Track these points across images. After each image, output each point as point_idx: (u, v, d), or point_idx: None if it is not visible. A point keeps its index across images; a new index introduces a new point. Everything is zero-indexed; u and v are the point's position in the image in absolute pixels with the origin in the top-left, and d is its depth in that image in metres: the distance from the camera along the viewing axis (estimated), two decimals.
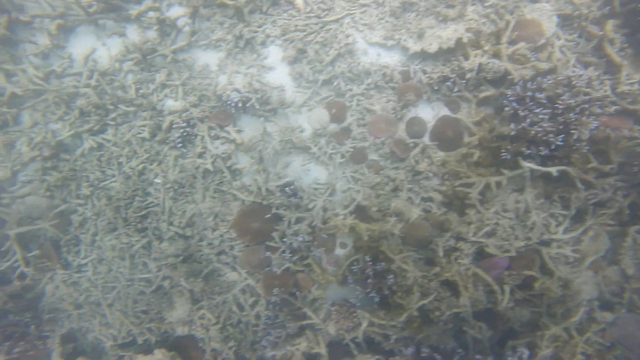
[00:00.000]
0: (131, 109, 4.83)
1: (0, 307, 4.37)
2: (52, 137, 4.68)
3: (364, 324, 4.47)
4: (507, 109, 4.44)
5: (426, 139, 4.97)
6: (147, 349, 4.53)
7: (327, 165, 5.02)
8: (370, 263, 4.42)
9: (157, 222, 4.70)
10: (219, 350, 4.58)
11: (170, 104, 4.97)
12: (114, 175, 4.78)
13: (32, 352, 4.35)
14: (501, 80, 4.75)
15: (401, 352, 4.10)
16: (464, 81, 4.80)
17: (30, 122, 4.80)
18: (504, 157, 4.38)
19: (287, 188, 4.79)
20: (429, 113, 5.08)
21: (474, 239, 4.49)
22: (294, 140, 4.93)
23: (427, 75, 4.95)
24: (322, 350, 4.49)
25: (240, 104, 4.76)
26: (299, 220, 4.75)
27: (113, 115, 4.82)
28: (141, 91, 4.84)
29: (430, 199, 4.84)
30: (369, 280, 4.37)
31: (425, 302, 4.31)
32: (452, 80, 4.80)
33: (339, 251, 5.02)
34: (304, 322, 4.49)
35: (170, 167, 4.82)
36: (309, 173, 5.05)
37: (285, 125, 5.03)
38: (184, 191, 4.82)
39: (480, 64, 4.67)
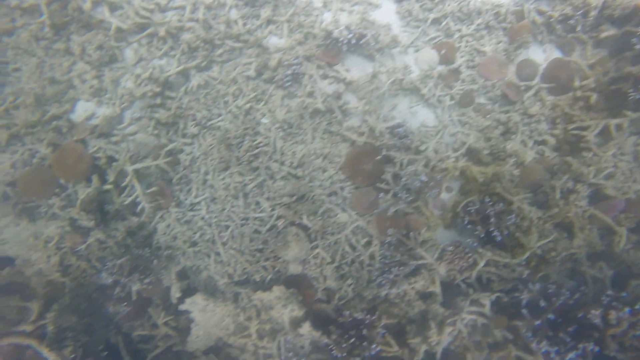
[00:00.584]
0: (238, 44, 4.66)
1: (120, 241, 4.35)
2: (160, 73, 4.52)
3: (482, 263, 4.51)
4: (638, 46, 4.32)
5: (537, 82, 4.87)
6: (262, 287, 4.57)
7: (435, 108, 4.93)
8: (491, 203, 4.41)
9: (269, 161, 4.63)
10: (334, 289, 4.63)
11: (275, 41, 4.80)
12: (220, 115, 4.67)
13: (151, 287, 4.37)
14: (627, 18, 4.61)
15: (528, 288, 4.16)
16: (586, 20, 4.64)
17: (134, 58, 4.62)
18: (632, 97, 4.30)
19: (398, 129, 4.71)
20: (540, 55, 4.95)
21: (593, 180, 4.48)
22: (402, 82, 4.81)
23: (545, 14, 4.79)
24: (437, 289, 4.54)
25: (353, 41, 4.60)
26: (410, 162, 4.71)
27: (220, 51, 4.66)
28: (247, 26, 4.65)
29: (543, 142, 4.79)
30: (490, 220, 4.38)
31: (546, 241, 4.35)
32: (574, 18, 4.64)
33: (445, 195, 5.01)
34: (420, 262, 4.53)
35: (277, 106, 4.71)
36: (416, 115, 4.95)
37: (392, 66, 4.89)
38: (292, 131, 4.72)
39: (605, 0, 4.51)
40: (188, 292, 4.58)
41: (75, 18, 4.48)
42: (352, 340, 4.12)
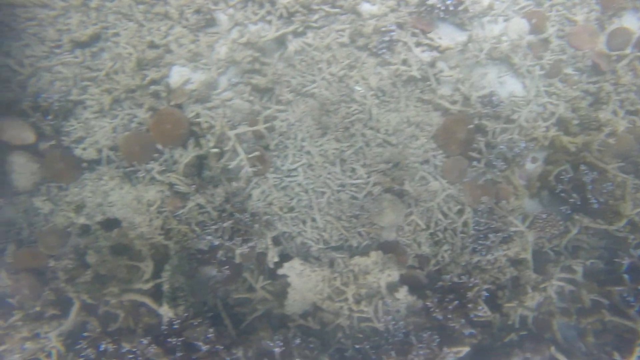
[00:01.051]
0: (334, 10, 4.64)
1: (218, 206, 4.41)
2: (258, 38, 4.51)
3: (575, 230, 4.60)
4: None
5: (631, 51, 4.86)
6: (357, 253, 4.66)
7: (523, 78, 4.94)
8: (587, 172, 4.47)
9: (364, 128, 4.66)
10: (429, 255, 4.72)
11: (367, 8, 4.78)
12: (314, 81, 4.67)
13: (248, 251, 4.45)
14: None
15: (628, 253, 4.25)
16: None
17: (230, 23, 4.60)
18: None
19: (491, 98, 4.73)
20: (635, 23, 4.95)
21: None
22: (493, 51, 4.81)
23: None
24: (528, 255, 4.64)
25: (452, 8, 4.58)
26: (503, 131, 4.74)
27: (315, 17, 4.64)
28: None
29: (635, 112, 4.83)
30: (586, 188, 4.45)
31: None
32: None
33: (530, 166, 5.07)
34: (512, 229, 4.61)
35: (371, 74, 4.71)
36: (504, 85, 4.97)
37: (483, 35, 4.88)
38: (385, 99, 4.74)
39: None
40: (282, 258, 4.67)
41: None
42: (455, 302, 4.24)
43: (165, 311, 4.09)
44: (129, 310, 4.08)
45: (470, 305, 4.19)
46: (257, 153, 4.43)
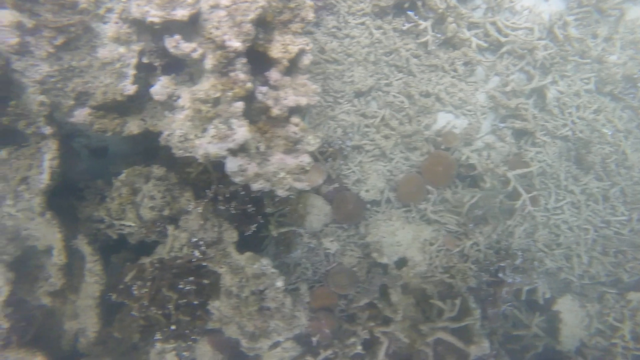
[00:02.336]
0: (583, 60, 5.03)
1: (491, 244, 4.62)
2: (518, 87, 4.87)
3: None
4: None
5: None
6: (630, 288, 4.81)
7: None
8: None
9: (619, 168, 4.94)
10: None
11: (610, 57, 5.17)
12: (565, 125, 5.00)
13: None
14: None
15: None
16: None
17: (489, 72, 4.98)
18: None
19: None
20: None
21: None
22: None
23: None
24: None
25: None
26: None
27: (568, 66, 5.02)
28: (588, 43, 5.03)
29: None
30: None
31: None
32: None
33: None
34: None
35: (617, 117, 5.04)
36: None
37: None
38: (634, 140, 5.05)
39: None
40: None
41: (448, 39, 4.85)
42: None
43: (474, 350, 4.19)
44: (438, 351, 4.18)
45: None
46: (534, 193, 4.68)
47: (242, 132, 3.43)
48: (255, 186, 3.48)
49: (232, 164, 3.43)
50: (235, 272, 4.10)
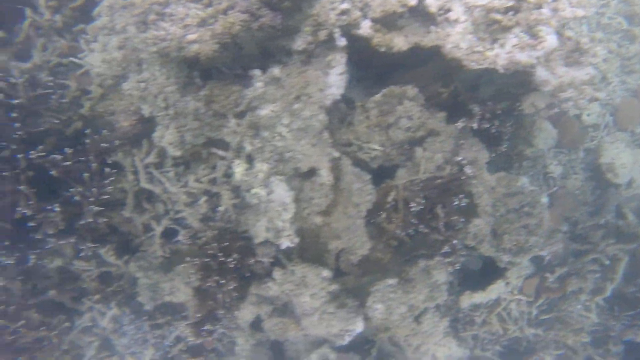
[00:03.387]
0: None
1: None
2: None
3: None
4: None
5: None
6: None
7: None
8: None
9: None
10: None
11: None
12: None
13: None
14: None
15: None
16: None
17: None
18: None
19: None
20: None
21: None
22: None
23: None
24: None
25: None
26: None
27: None
28: None
29: None
30: None
31: None
32: None
33: None
34: None
35: None
36: None
37: None
38: None
39: None
40: None
41: None
42: None
43: None
44: None
45: None
46: None
47: (551, 39, 3.36)
48: (564, 95, 3.44)
49: (542, 72, 3.38)
50: (490, 191, 4.13)
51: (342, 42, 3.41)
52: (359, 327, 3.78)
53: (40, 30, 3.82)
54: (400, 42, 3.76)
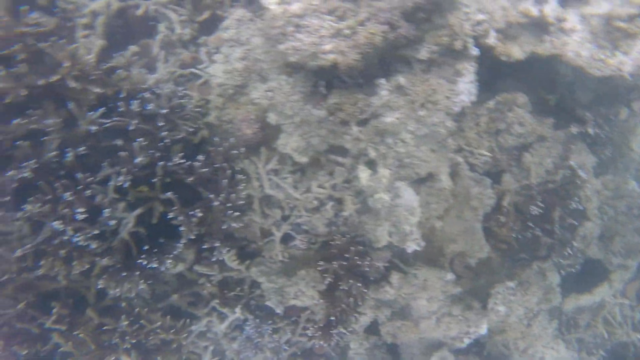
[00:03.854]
0: None
1: None
2: None
3: None
4: None
5: None
6: None
7: None
8: None
9: None
10: None
11: None
12: None
13: None
14: None
15: None
16: None
17: None
18: None
19: None
20: None
21: None
22: None
23: None
24: None
25: None
26: None
27: None
28: None
29: None
30: None
31: None
32: None
33: None
34: None
35: None
36: None
37: None
38: None
39: None
40: None
41: None
42: None
43: None
44: None
45: None
46: None
47: None
48: None
49: None
50: (596, 193, 4.23)
51: (474, 51, 3.54)
52: (482, 329, 3.84)
53: (167, 43, 3.97)
54: (516, 51, 3.90)
